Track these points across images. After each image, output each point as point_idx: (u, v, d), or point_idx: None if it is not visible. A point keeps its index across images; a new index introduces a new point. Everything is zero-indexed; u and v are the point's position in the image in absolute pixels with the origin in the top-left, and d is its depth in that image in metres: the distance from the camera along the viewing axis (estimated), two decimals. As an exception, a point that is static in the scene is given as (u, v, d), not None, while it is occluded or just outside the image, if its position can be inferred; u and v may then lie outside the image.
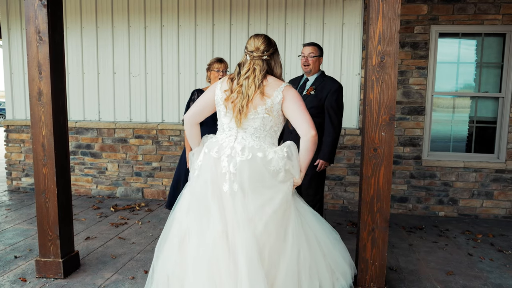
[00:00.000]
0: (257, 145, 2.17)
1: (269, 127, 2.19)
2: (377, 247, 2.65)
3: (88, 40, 5.27)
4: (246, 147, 2.15)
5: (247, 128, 2.18)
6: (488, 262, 3.47)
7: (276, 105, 2.14)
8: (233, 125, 2.21)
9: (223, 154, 2.15)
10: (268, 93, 2.13)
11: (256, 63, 2.17)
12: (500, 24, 4.44)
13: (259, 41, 2.19)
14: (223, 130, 2.26)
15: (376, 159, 2.59)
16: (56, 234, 3.03)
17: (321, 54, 3.37)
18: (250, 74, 2.15)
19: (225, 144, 2.19)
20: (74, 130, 5.39)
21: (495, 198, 4.66)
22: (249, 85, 2.12)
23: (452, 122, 4.84)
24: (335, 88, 3.31)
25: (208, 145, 2.26)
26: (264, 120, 2.16)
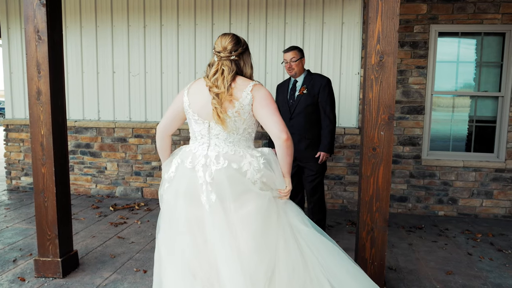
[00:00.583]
0: (232, 150, 2.03)
1: (242, 130, 2.05)
2: (376, 247, 2.64)
3: (87, 39, 5.26)
4: (220, 154, 2.02)
5: (219, 134, 2.04)
6: (487, 261, 3.46)
7: (246, 107, 2.00)
8: (205, 132, 2.07)
9: (197, 164, 2.02)
10: (236, 95, 1.99)
11: (224, 64, 2.03)
12: (499, 24, 4.44)
13: (226, 40, 2.05)
14: (195, 139, 2.12)
15: (375, 158, 2.58)
16: (55, 234, 3.03)
17: (302, 55, 3.48)
18: (218, 76, 2.02)
19: (199, 153, 2.06)
20: (74, 130, 5.38)
21: (495, 198, 4.65)
22: (219, 87, 1.99)
23: (451, 122, 4.84)
24: (325, 83, 3.44)
25: (181, 155, 2.11)
26: (235, 123, 2.02)
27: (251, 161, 2.02)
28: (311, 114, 3.43)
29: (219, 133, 2.05)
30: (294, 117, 3.44)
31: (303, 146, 3.44)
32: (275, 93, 3.70)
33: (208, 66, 2.10)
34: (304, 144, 3.44)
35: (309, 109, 3.41)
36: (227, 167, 1.98)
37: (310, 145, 3.45)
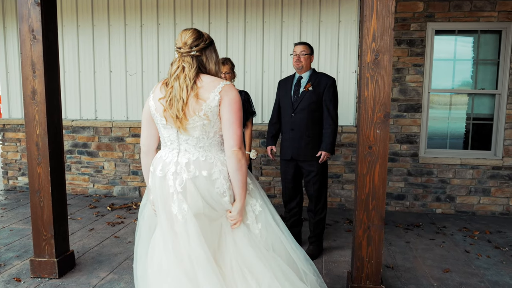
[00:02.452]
0: (203, 156, 1.90)
1: (212, 133, 1.91)
2: (373, 245, 2.64)
3: (84, 38, 5.25)
4: (191, 162, 1.89)
5: (189, 139, 1.90)
6: (485, 259, 3.47)
7: (214, 109, 1.85)
8: (174, 138, 1.93)
9: (168, 172, 1.90)
10: (204, 96, 1.84)
11: (184, 61, 1.86)
12: (496, 21, 4.44)
13: (186, 35, 1.89)
14: (165, 144, 1.98)
15: (371, 156, 2.58)
16: (51, 234, 3.02)
17: (311, 52, 3.45)
18: (179, 73, 1.86)
19: (169, 160, 1.92)
20: (71, 129, 5.37)
21: (492, 195, 4.66)
22: (181, 87, 1.84)
23: (449, 119, 4.84)
24: (331, 83, 3.41)
25: (153, 163, 2.00)
26: (204, 127, 1.87)
27: (222, 170, 1.92)
28: (314, 112, 3.40)
29: (188, 138, 1.90)
30: (297, 113, 3.40)
31: (303, 144, 3.41)
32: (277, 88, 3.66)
33: (171, 65, 1.94)
34: (304, 142, 3.40)
35: (313, 107, 3.39)
36: (198, 177, 1.88)
37: (310, 143, 3.41)
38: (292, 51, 3.45)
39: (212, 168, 1.90)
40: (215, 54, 1.98)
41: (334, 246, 3.71)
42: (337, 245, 3.75)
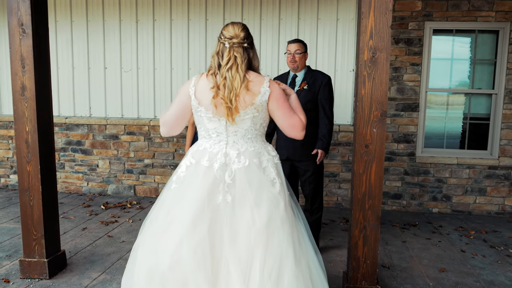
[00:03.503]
0: (251, 147, 1.97)
1: (259, 125, 1.99)
2: (369, 245, 2.60)
3: (78, 34, 5.18)
4: (241, 152, 1.94)
5: (238, 131, 1.96)
6: (480, 258, 3.44)
7: (264, 103, 1.94)
8: (222, 130, 1.96)
9: (215, 162, 1.92)
10: (254, 89, 1.91)
11: (236, 51, 1.90)
12: (493, 21, 4.41)
13: (238, 28, 1.94)
14: (210, 137, 2.00)
15: (368, 155, 2.54)
16: (41, 233, 2.95)
17: (306, 50, 3.38)
18: (232, 64, 1.89)
19: (216, 151, 1.95)
20: (64, 126, 5.30)
21: (488, 195, 4.64)
22: (233, 76, 1.88)
23: (446, 119, 4.81)
24: (326, 81, 3.35)
25: (194, 154, 1.99)
26: (254, 119, 1.95)
27: (269, 158, 2.00)
28: (309, 112, 3.31)
29: (237, 130, 1.96)
30: None
31: (299, 144, 3.32)
32: None
33: (216, 55, 1.95)
34: (300, 142, 3.31)
35: (308, 106, 3.29)
36: (248, 166, 1.92)
37: (305, 143, 3.32)
38: (286, 50, 3.38)
39: (261, 157, 1.97)
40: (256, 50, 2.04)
41: (330, 246, 3.68)
42: (334, 244, 3.72)
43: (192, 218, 1.85)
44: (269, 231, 1.87)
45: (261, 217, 1.86)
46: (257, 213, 1.86)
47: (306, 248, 2.02)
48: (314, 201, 3.43)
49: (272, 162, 2.01)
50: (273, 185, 1.95)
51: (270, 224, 1.87)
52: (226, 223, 1.86)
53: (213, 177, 1.90)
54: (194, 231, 1.84)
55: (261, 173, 1.94)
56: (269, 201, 1.90)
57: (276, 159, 2.06)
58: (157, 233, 1.92)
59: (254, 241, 1.84)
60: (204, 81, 1.96)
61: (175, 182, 2.00)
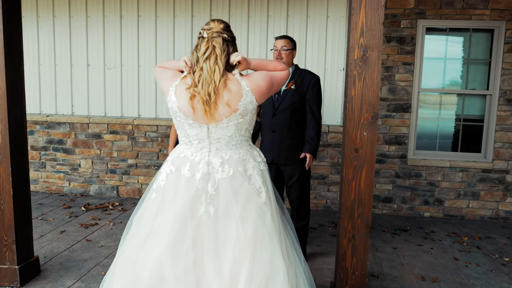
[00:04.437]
0: (236, 154, 1.83)
1: (244, 130, 1.85)
2: (358, 255, 2.47)
3: (60, 30, 4.97)
4: (225, 160, 1.80)
5: (221, 138, 1.81)
6: (474, 267, 3.32)
7: (249, 105, 1.79)
8: (204, 136, 1.81)
9: (197, 172, 1.77)
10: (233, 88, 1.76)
11: (215, 41, 1.76)
12: (488, 20, 4.29)
13: (219, 22, 1.83)
14: (191, 144, 1.84)
15: (358, 160, 2.40)
16: (12, 239, 2.81)
17: (294, 47, 3.21)
18: (210, 53, 1.74)
19: (198, 159, 1.80)
20: (46, 125, 5.10)
21: (482, 199, 4.53)
22: (212, 68, 1.72)
23: (438, 120, 4.69)
24: (315, 81, 3.19)
25: (174, 161, 1.85)
26: (238, 125, 1.81)
27: (254, 165, 1.88)
28: (297, 112, 3.17)
29: (220, 137, 1.81)
30: (278, 114, 3.16)
31: (285, 147, 3.19)
32: None
33: (195, 51, 1.82)
34: (286, 145, 3.18)
35: (295, 107, 3.15)
36: (233, 176, 1.78)
37: (292, 145, 3.19)
38: (273, 46, 3.21)
39: (246, 165, 1.85)
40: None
41: (318, 252, 3.54)
42: (321, 250, 3.58)
43: (173, 234, 1.72)
44: (256, 245, 1.73)
45: (246, 231, 1.72)
46: (242, 227, 1.72)
47: (294, 258, 1.90)
48: (300, 207, 3.27)
49: (258, 169, 1.88)
50: (259, 194, 1.81)
51: (256, 237, 1.74)
52: (209, 237, 1.72)
53: (195, 188, 1.77)
54: (175, 247, 1.71)
55: (246, 182, 1.80)
56: (255, 213, 1.76)
57: (262, 165, 1.92)
58: (136, 247, 1.78)
59: (239, 256, 1.71)
60: (182, 84, 1.80)
61: (155, 191, 1.86)
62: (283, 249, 1.81)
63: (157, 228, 1.77)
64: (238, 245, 1.71)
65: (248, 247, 1.71)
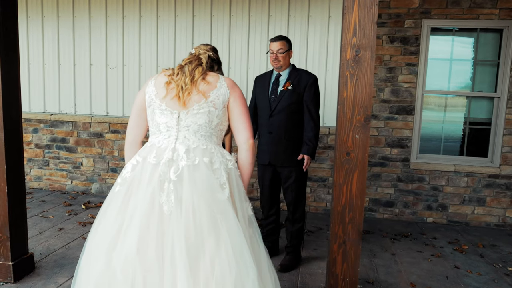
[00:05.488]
0: (203, 145, 1.82)
1: (215, 124, 1.87)
2: (349, 262, 2.39)
3: (64, 30, 5.01)
4: (191, 149, 1.79)
5: (190, 125, 1.82)
6: (475, 276, 3.21)
7: (221, 97, 1.86)
8: (173, 124, 1.83)
9: (162, 159, 1.76)
10: (211, 83, 1.87)
11: (201, 55, 1.95)
12: (496, 19, 4.16)
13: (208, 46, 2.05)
14: (159, 132, 1.86)
15: (349, 164, 2.33)
16: (6, 236, 2.84)
17: (290, 47, 3.14)
18: (193, 60, 1.90)
19: (164, 146, 1.81)
20: (49, 123, 5.14)
21: (488, 205, 4.40)
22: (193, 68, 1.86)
23: (443, 123, 4.57)
24: (312, 81, 3.11)
25: (141, 152, 1.86)
26: (209, 115, 1.83)
27: (222, 161, 1.86)
28: (294, 114, 3.11)
29: (189, 124, 1.83)
30: (275, 115, 3.11)
31: (282, 148, 3.13)
32: (253, 85, 3.39)
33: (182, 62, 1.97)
34: (283, 146, 3.13)
35: (293, 108, 3.09)
36: (197, 164, 1.77)
37: (289, 147, 3.13)
38: (268, 48, 3.15)
39: (213, 157, 1.83)
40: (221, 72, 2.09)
41: (313, 256, 3.47)
42: (317, 255, 3.51)
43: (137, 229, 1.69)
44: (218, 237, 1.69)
45: (207, 223, 1.68)
46: (199, 219, 1.68)
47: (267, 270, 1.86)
48: (296, 210, 3.21)
49: (225, 166, 1.85)
50: (222, 190, 1.77)
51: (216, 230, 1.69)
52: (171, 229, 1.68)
53: (158, 174, 1.74)
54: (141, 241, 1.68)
55: (211, 173, 1.77)
56: (216, 206, 1.72)
57: (231, 164, 1.88)
58: (102, 245, 1.74)
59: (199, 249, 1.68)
60: (162, 76, 1.93)
61: (119, 185, 1.84)
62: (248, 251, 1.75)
63: (122, 221, 1.73)
64: (194, 237, 1.66)
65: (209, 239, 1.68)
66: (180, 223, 1.67)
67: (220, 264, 1.65)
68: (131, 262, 1.65)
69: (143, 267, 1.65)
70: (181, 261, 1.62)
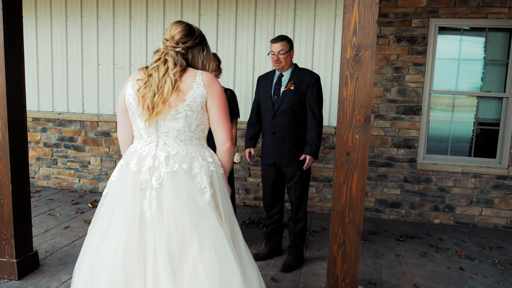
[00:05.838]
0: (183, 150, 1.79)
1: (194, 126, 1.81)
2: (348, 262, 2.38)
3: (72, 29, 5.07)
4: (170, 155, 1.77)
5: (169, 131, 1.79)
6: (480, 278, 3.17)
7: (198, 98, 1.76)
8: (153, 130, 1.79)
9: (144, 166, 1.76)
10: (185, 86, 1.76)
11: (168, 54, 1.77)
12: (506, 18, 4.09)
13: (176, 29, 1.80)
14: (141, 137, 1.83)
15: (349, 164, 2.32)
16: (11, 233, 2.88)
17: (291, 47, 3.12)
18: (160, 65, 1.75)
19: (145, 153, 1.79)
20: (58, 122, 5.21)
21: (496, 207, 4.33)
22: (160, 79, 1.72)
23: (451, 123, 4.51)
24: (314, 80, 3.10)
25: (126, 156, 1.85)
26: (187, 119, 1.77)
27: (202, 164, 1.82)
28: (297, 114, 3.10)
29: (168, 130, 1.79)
30: (278, 116, 3.11)
31: (286, 148, 3.13)
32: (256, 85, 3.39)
33: (154, 54, 1.83)
34: (287, 146, 3.12)
35: (295, 108, 3.08)
36: (176, 171, 1.75)
37: (293, 147, 3.12)
38: (269, 50, 3.14)
39: (193, 162, 1.80)
40: (203, 53, 1.89)
41: (317, 257, 3.46)
42: (321, 255, 3.49)
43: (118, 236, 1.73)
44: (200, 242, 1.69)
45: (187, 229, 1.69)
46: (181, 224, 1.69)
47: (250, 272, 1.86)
48: (299, 209, 3.21)
49: (207, 169, 1.82)
50: (202, 194, 1.76)
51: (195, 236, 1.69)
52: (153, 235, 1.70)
53: (140, 182, 1.75)
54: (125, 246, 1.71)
55: (189, 179, 1.76)
56: (195, 212, 1.72)
57: (213, 166, 1.86)
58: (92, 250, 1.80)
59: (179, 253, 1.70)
60: (138, 75, 1.83)
61: (107, 188, 1.88)
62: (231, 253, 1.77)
63: (108, 226, 1.77)
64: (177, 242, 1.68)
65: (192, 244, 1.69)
66: (162, 229, 1.68)
67: (204, 268, 1.66)
68: (112, 268, 1.69)
69: (126, 273, 1.68)
70: (163, 266, 1.64)
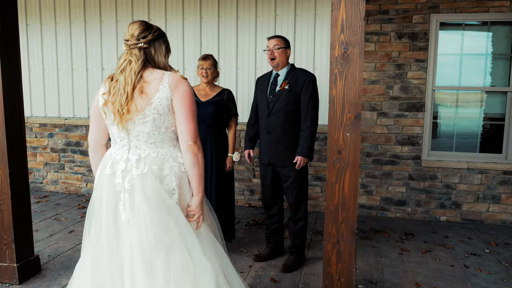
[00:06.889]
0: (154, 152, 1.82)
1: (164, 129, 1.82)
2: (343, 261, 2.36)
3: (76, 35, 5.15)
4: (141, 158, 1.81)
5: (139, 135, 1.81)
6: (484, 275, 3.10)
7: (164, 101, 1.77)
8: (124, 134, 1.83)
9: (117, 169, 1.81)
10: (151, 90, 1.77)
11: (132, 53, 1.79)
12: (508, 11, 4.00)
13: (134, 27, 1.83)
14: (115, 142, 1.88)
15: (341, 163, 2.29)
16: (11, 238, 2.90)
17: (287, 45, 3.11)
18: (126, 65, 1.78)
19: (119, 157, 1.84)
20: (64, 127, 5.30)
21: (503, 202, 4.23)
22: (126, 80, 1.75)
23: (455, 119, 4.43)
24: (309, 79, 3.07)
25: (103, 161, 1.90)
26: (155, 122, 1.79)
27: (173, 166, 1.84)
28: (292, 113, 3.08)
29: (138, 134, 1.82)
30: (273, 115, 3.10)
31: (281, 148, 3.11)
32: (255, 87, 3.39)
33: (118, 60, 1.88)
34: (282, 146, 3.11)
35: (290, 107, 3.07)
36: (146, 173, 1.79)
37: (288, 147, 3.10)
38: (266, 46, 3.14)
39: (163, 164, 1.83)
40: (164, 47, 1.90)
41: (318, 257, 3.42)
42: (322, 255, 3.45)
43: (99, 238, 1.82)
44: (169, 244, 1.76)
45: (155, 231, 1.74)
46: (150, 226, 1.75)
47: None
48: (298, 210, 3.18)
49: (178, 170, 1.84)
50: (170, 196, 1.80)
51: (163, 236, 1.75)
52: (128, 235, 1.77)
53: (115, 185, 1.81)
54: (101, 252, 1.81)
55: (158, 182, 1.79)
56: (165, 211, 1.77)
57: (184, 167, 1.87)
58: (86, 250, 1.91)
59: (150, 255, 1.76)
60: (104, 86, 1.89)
61: (93, 192, 1.94)
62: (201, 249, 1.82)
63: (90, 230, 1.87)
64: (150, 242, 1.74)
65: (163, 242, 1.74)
66: (136, 229, 1.75)
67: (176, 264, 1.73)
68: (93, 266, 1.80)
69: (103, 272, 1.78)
70: (139, 264, 1.71)
